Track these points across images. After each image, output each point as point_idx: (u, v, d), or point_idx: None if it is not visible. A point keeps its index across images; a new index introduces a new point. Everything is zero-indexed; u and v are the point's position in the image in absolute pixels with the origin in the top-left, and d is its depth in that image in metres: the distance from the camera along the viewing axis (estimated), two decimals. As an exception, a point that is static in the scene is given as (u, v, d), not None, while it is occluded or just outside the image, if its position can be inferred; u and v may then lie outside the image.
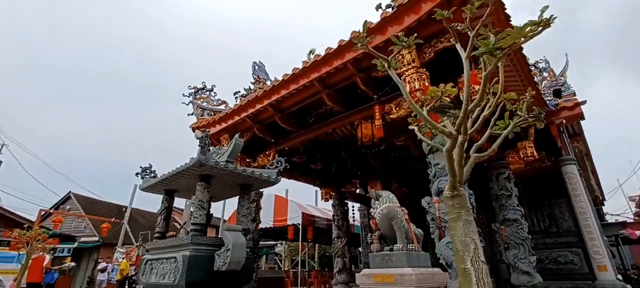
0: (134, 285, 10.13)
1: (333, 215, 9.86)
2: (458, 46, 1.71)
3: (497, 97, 1.72)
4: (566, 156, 7.28)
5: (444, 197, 1.80)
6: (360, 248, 14.55)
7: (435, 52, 4.30)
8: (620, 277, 7.23)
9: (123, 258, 12.98)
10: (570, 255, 8.28)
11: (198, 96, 8.20)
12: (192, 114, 8.10)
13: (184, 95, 8.13)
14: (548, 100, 6.96)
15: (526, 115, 1.80)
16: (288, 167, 4.27)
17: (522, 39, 1.33)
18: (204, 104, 8.15)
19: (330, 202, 10.89)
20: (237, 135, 3.88)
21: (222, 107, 7.89)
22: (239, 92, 7.97)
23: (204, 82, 8.43)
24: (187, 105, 8.18)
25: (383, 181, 10.87)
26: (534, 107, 1.88)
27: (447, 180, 4.05)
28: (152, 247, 3.92)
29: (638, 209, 21.26)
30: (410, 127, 2.41)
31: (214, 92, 8.27)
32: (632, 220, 19.31)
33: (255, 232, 6.67)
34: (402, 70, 4.43)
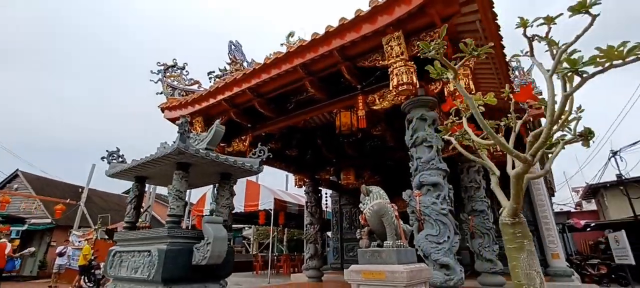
0: (94, 271, 9.54)
1: (306, 202, 9.85)
2: (537, 63, 1.56)
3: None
4: (530, 152, 7.72)
5: (503, 224, 1.73)
6: (329, 233, 14.79)
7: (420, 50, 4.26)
8: (567, 264, 7.92)
9: (80, 241, 12.18)
10: (526, 243, 8.91)
11: (168, 74, 7.67)
12: (161, 93, 7.58)
13: (152, 72, 7.56)
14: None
15: (574, 134, 1.71)
16: (270, 156, 4.11)
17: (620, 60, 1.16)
18: (175, 82, 7.64)
19: (304, 188, 10.87)
20: (217, 122, 3.64)
21: (195, 87, 7.45)
22: (213, 72, 7.55)
23: (174, 59, 7.89)
24: (156, 83, 7.63)
25: (356, 169, 11.01)
26: (586, 128, 1.81)
27: (430, 174, 4.11)
28: (122, 238, 3.63)
29: (580, 200, 23.40)
30: (446, 136, 2.35)
31: (186, 71, 7.77)
32: (574, 210, 21.25)
33: (229, 217, 6.47)
34: (390, 62, 4.38)
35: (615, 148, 11.43)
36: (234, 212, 11.78)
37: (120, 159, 4.10)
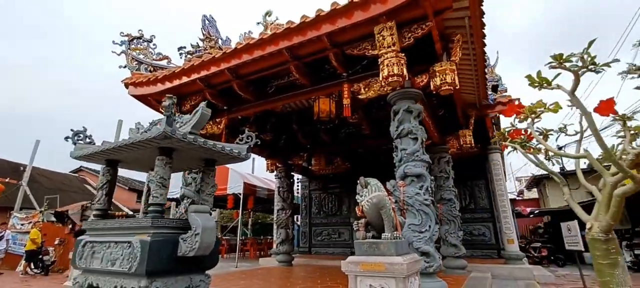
0: (42, 257, 8.73)
1: (278, 187, 9.75)
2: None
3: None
4: (494, 145, 8.26)
5: (592, 240, 1.72)
6: (297, 217, 14.89)
7: (414, 38, 4.29)
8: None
9: (23, 224, 11.06)
10: (483, 228, 9.64)
11: (133, 46, 7.02)
12: (125, 67, 6.94)
13: (114, 43, 6.87)
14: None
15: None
16: (258, 142, 3.95)
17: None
18: (141, 56, 7.03)
19: (275, 173, 10.74)
20: (203, 104, 3.38)
21: (164, 62, 6.92)
22: (185, 48, 7.05)
23: (140, 30, 7.24)
24: (119, 55, 6.97)
25: (327, 155, 11.07)
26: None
27: (415, 165, 4.20)
28: (93, 227, 3.30)
29: (523, 188, 25.76)
30: (510, 143, 2.35)
31: (154, 44, 7.17)
32: (517, 198, 23.30)
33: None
34: (381, 52, 4.35)
35: (561, 144, 12.56)
36: (200, 195, 11.40)
37: (87, 140, 3.70)
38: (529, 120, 2.25)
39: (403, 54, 4.30)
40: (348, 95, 5.19)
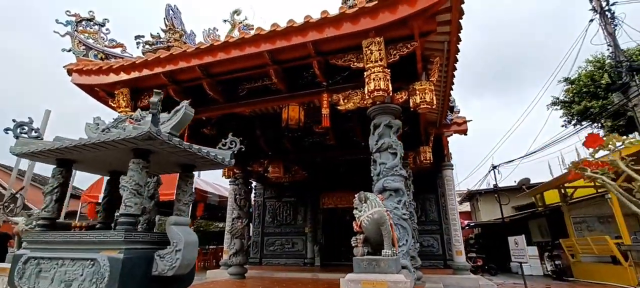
0: None
1: (235, 194, 9.24)
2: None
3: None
4: (448, 162, 8.86)
5: None
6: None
7: (400, 55, 4.41)
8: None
9: None
10: (432, 240, 10.25)
11: (82, 29, 6.16)
12: (69, 51, 6.04)
13: (58, 22, 5.95)
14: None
15: None
16: (242, 149, 3.68)
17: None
18: (90, 40, 6.20)
19: (230, 180, 10.23)
20: (186, 103, 3.03)
21: (118, 50, 6.19)
22: (143, 37, 6.42)
23: (91, 12, 6.39)
24: (63, 36, 6.05)
25: (286, 163, 10.85)
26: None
27: (393, 179, 4.26)
28: (40, 239, 2.72)
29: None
30: (594, 174, 2.38)
31: (107, 29, 6.38)
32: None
33: (152, 211, 5.58)
34: (368, 66, 4.39)
35: (495, 163, 14.01)
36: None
37: (34, 133, 3.08)
38: (611, 153, 2.40)
39: (389, 69, 4.39)
40: (327, 105, 5.14)
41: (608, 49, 8.19)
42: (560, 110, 12.98)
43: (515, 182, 13.56)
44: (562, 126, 12.79)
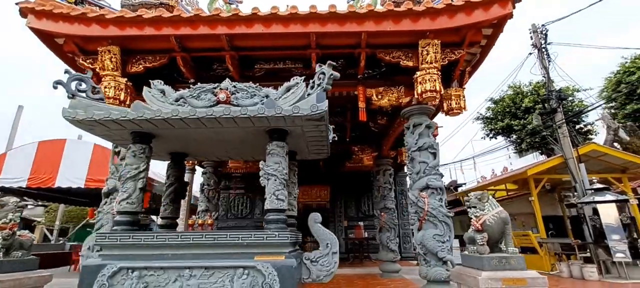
0: None
1: (204, 184, 8.24)
2: None
3: None
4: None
5: None
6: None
7: (448, 60, 4.61)
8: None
9: None
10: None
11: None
12: (22, -17, 4.46)
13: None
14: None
15: None
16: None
17: None
18: (55, -25, 4.69)
19: (190, 167, 9.08)
20: (329, 69, 2.58)
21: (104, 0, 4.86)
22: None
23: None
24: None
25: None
26: None
27: (436, 178, 4.48)
28: (132, 243, 1.96)
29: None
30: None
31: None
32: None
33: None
34: (422, 66, 4.46)
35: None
36: (69, 187, 8.44)
37: (96, 95, 2.21)
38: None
39: (440, 73, 4.53)
40: (363, 98, 5.03)
41: (542, 78, 10.06)
42: (482, 124, 15.49)
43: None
44: (482, 138, 15.38)
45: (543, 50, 9.59)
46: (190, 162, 8.84)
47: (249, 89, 2.60)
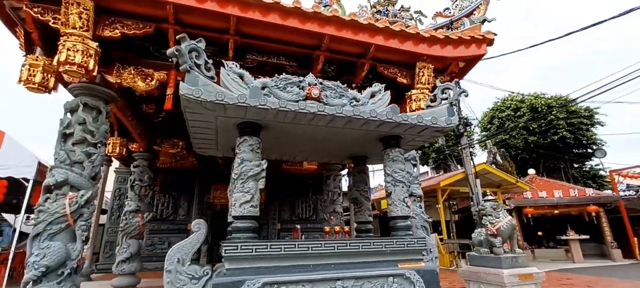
0: None
1: (134, 179, 6.93)
2: None
3: None
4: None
5: None
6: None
7: (435, 83, 5.22)
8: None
9: None
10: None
11: None
12: None
13: None
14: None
15: None
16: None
17: None
18: None
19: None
20: (455, 87, 2.61)
21: None
22: None
23: None
24: None
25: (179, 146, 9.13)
26: None
27: (417, 187, 5.05)
28: (264, 254, 1.63)
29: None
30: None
31: None
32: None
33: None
34: (418, 86, 4.93)
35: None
36: None
37: (208, 72, 1.79)
38: None
39: (428, 93, 5.09)
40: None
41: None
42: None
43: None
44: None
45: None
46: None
47: (337, 89, 2.48)
